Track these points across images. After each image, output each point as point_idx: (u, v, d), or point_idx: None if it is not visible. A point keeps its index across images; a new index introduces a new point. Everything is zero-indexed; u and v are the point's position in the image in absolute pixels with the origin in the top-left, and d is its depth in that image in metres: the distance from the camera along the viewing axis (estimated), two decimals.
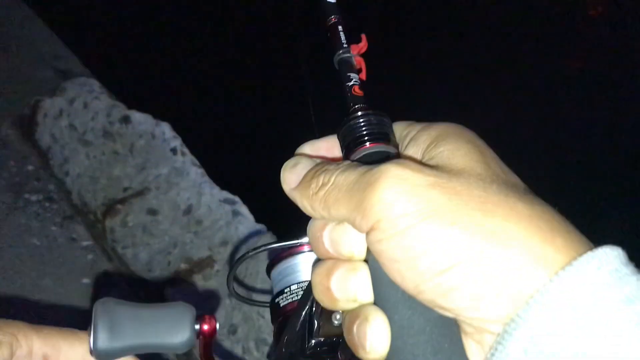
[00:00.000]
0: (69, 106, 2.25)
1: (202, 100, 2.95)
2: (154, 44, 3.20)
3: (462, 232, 0.38)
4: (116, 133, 2.14)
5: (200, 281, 1.77)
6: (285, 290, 0.59)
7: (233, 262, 1.33)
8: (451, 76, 2.93)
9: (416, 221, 0.38)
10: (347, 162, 0.44)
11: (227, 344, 1.62)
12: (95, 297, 1.80)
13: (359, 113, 0.46)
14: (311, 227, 0.45)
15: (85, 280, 1.87)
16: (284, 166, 0.47)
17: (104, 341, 0.49)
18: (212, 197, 1.94)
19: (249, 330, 1.60)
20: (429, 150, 0.44)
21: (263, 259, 1.28)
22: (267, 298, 0.62)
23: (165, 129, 2.13)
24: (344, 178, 0.42)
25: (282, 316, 0.58)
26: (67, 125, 2.21)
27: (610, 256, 0.37)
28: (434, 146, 0.44)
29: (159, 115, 2.18)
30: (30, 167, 2.21)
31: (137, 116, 2.16)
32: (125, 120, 2.16)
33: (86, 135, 2.17)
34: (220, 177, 2.05)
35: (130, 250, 1.90)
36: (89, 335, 0.49)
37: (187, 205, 1.95)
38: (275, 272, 0.61)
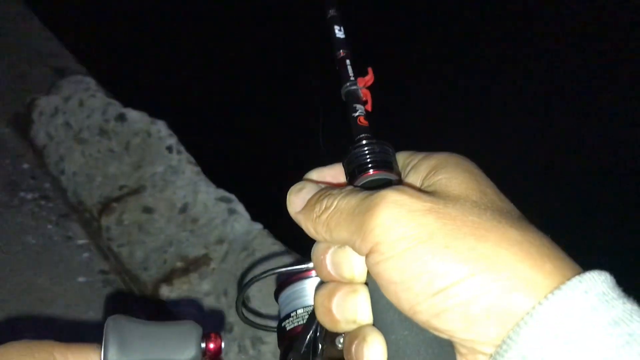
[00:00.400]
0: (64, 104, 2.24)
1: (198, 98, 2.95)
2: (151, 42, 3.20)
3: (455, 256, 0.40)
4: (112, 131, 2.14)
5: (196, 280, 1.77)
6: (292, 314, 0.60)
7: (241, 287, 1.34)
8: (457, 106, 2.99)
9: (412, 244, 0.40)
10: (350, 187, 0.46)
11: (223, 342, 1.62)
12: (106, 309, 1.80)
13: (364, 142, 0.48)
14: (315, 250, 0.47)
15: (81, 279, 1.87)
16: (289, 190, 0.49)
17: (114, 355, 0.51)
18: (208, 195, 1.94)
19: (245, 329, 1.61)
20: (428, 178, 0.46)
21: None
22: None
23: (161, 127, 2.12)
24: (345, 202, 0.44)
25: (288, 339, 0.59)
26: (63, 123, 2.21)
27: (598, 280, 0.39)
28: (433, 174, 0.46)
29: (155, 113, 2.18)
30: (25, 166, 2.20)
31: (132, 114, 2.16)
32: (121, 118, 2.16)
33: (82, 133, 2.16)
34: (216, 175, 2.05)
35: (126, 249, 1.90)
36: (100, 350, 0.52)
37: (182, 203, 1.95)
38: (282, 296, 0.62)
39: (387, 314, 0.43)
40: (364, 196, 0.43)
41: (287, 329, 0.60)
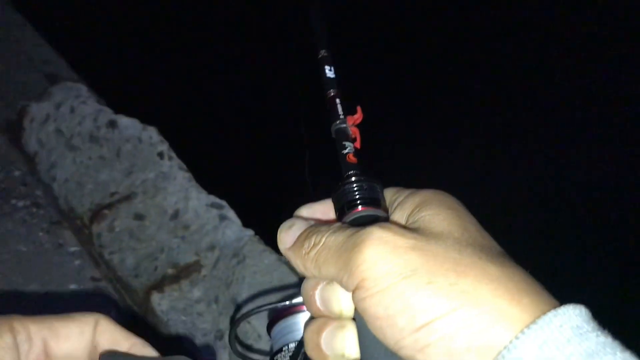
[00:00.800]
0: (55, 111, 2.24)
1: (189, 104, 2.96)
2: (142, 49, 3.20)
3: (437, 291, 0.41)
4: (103, 138, 2.14)
5: (187, 286, 1.78)
6: (284, 349, 0.62)
7: (233, 321, 1.34)
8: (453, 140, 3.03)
9: (396, 280, 0.41)
10: (338, 224, 0.48)
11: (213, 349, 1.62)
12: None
13: (353, 179, 0.49)
14: (304, 286, 0.48)
15: (72, 286, 1.87)
16: (280, 227, 0.51)
17: None
18: (199, 202, 1.94)
19: None
20: (413, 215, 0.47)
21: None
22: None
23: (152, 133, 2.13)
24: (333, 239, 0.45)
25: None
26: (54, 130, 2.21)
27: (572, 314, 0.40)
28: (417, 211, 0.47)
29: (146, 119, 2.18)
30: (17, 173, 2.20)
31: (123, 121, 2.16)
32: (112, 124, 2.16)
33: (73, 140, 2.16)
34: (208, 181, 2.05)
35: (117, 256, 1.91)
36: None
37: (174, 209, 1.95)
38: (275, 330, 0.64)
39: (373, 349, 0.44)
40: (350, 233, 0.44)
41: None
